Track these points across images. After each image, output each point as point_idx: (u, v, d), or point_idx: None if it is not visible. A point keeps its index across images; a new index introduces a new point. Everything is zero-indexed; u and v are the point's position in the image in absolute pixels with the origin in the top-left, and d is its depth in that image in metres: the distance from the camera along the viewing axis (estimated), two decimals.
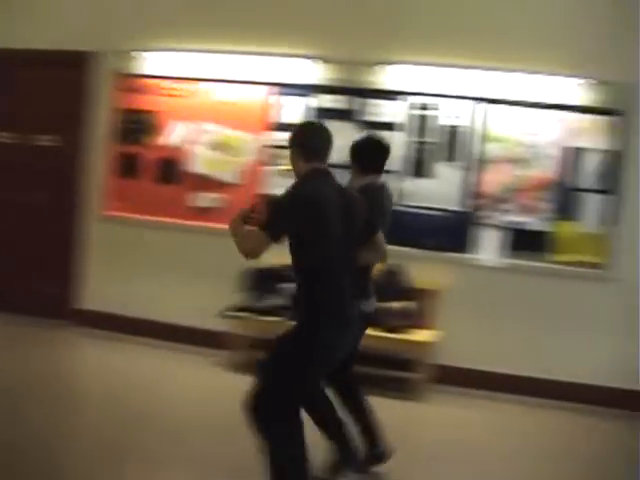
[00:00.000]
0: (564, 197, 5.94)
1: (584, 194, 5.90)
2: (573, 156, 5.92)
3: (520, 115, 5.98)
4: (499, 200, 5.99)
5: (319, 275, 3.27)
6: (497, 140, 6.00)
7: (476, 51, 5.96)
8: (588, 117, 5.90)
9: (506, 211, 5.98)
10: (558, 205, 5.97)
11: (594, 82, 5.84)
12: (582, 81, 5.87)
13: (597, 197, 5.89)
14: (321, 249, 3.26)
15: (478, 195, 6.03)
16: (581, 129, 5.92)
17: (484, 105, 6.02)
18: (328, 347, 3.26)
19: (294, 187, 3.31)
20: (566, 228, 5.95)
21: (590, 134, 5.91)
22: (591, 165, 5.91)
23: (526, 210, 5.98)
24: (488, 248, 6.02)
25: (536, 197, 5.96)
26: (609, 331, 5.88)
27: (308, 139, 3.42)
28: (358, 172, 4.12)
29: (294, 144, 3.43)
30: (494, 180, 6.01)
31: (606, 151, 5.88)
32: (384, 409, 5.33)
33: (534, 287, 5.96)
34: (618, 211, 5.86)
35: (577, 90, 5.91)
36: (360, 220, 3.48)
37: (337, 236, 3.29)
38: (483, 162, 6.02)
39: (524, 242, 5.95)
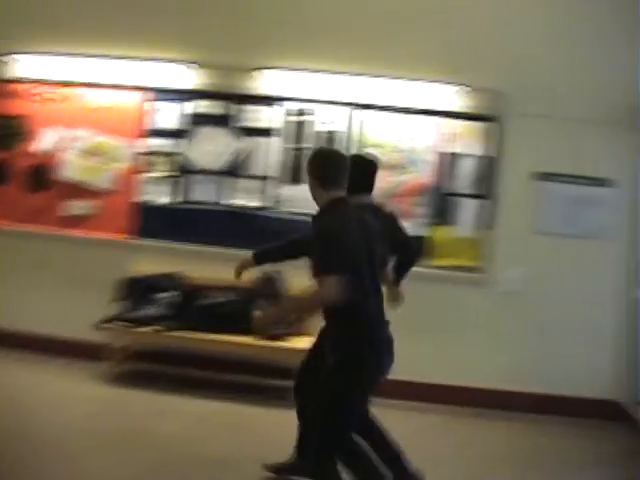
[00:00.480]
0: (440, 202, 6.08)
1: (460, 199, 6.05)
2: (449, 161, 6.07)
3: (396, 121, 6.11)
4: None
5: (358, 300, 3.29)
6: (374, 146, 6.07)
7: (353, 57, 6.07)
8: (463, 123, 6.07)
9: None
10: (434, 210, 6.07)
11: (469, 89, 6.04)
12: (457, 88, 6.05)
13: (472, 202, 6.04)
14: (357, 276, 3.28)
15: None
16: (456, 135, 6.09)
17: (361, 111, 6.13)
18: (378, 367, 3.37)
19: (324, 222, 3.39)
20: (443, 233, 6.03)
21: (465, 140, 6.08)
22: (466, 170, 6.06)
23: (403, 215, 5.99)
24: None
25: (413, 202, 6.07)
26: (486, 333, 5.97)
27: (325, 169, 3.50)
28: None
29: (311, 174, 3.50)
30: None
31: (481, 156, 6.06)
32: (263, 418, 5.36)
33: (412, 291, 5.95)
34: (493, 215, 6.00)
35: (452, 96, 6.10)
36: (377, 246, 3.55)
37: (365, 262, 3.36)
38: None
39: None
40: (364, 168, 4.26)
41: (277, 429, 5.06)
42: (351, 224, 3.40)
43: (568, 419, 5.84)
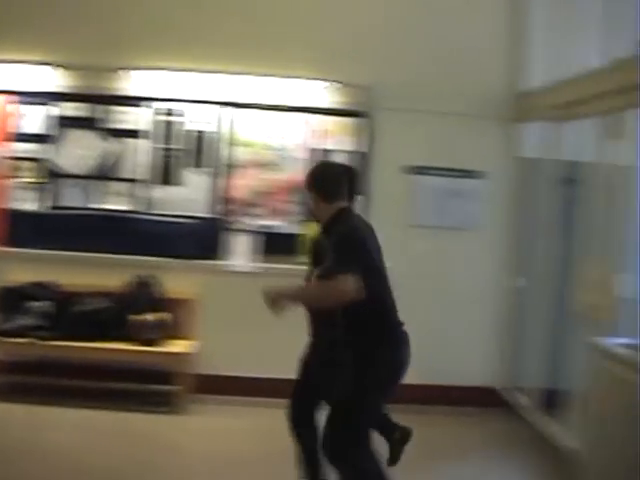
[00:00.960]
0: None
1: None
2: (321, 158, 7.21)
3: (267, 119, 7.22)
4: (248, 205, 7.20)
5: (379, 300, 4.17)
6: (245, 144, 7.23)
7: (222, 56, 7.18)
8: (334, 119, 7.28)
9: (256, 215, 7.20)
10: (307, 207, 7.88)
11: (339, 85, 7.20)
12: (327, 84, 7.16)
13: None
14: (375, 277, 4.10)
15: (227, 201, 7.18)
16: (328, 131, 7.28)
17: (230, 110, 7.21)
18: (404, 363, 4.23)
19: (339, 229, 4.14)
20: (316, 230, 7.87)
21: (336, 136, 7.28)
22: None
23: (276, 213, 7.33)
24: (240, 253, 7.29)
25: (285, 200, 7.24)
26: None
27: (326, 182, 4.32)
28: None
29: (313, 189, 4.30)
30: (243, 185, 7.21)
31: (353, 152, 7.27)
32: (146, 424, 6.27)
33: None
34: (366, 210, 7.14)
35: (322, 93, 7.20)
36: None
37: (378, 264, 4.17)
38: (231, 167, 7.21)
39: (275, 245, 7.20)
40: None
41: (161, 434, 6.07)
42: (364, 229, 4.19)
43: (451, 408, 7.10)
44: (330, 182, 4.35)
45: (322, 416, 4.62)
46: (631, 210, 5.32)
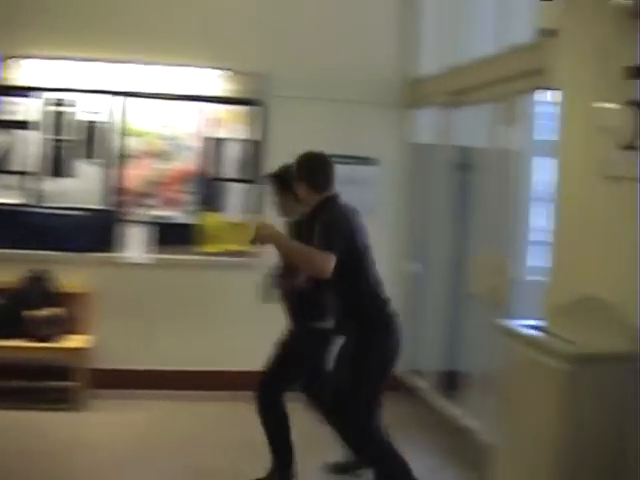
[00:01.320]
0: (208, 188, 7.35)
1: (227, 184, 7.42)
2: (215, 147, 7.36)
3: (160, 108, 7.31)
4: (142, 195, 7.29)
5: (368, 285, 4.52)
6: (137, 134, 7.30)
7: (113, 44, 7.18)
8: (228, 108, 7.42)
9: (150, 206, 7.30)
10: (202, 196, 7.47)
11: (232, 73, 7.33)
12: (220, 72, 7.29)
13: (240, 186, 7.44)
14: (364, 261, 4.48)
15: (121, 192, 7.27)
16: (221, 120, 7.42)
17: (122, 99, 7.28)
18: (398, 346, 4.56)
19: (325, 212, 4.45)
20: (211, 219, 7.70)
21: (230, 124, 7.43)
22: (233, 155, 7.45)
23: (170, 204, 7.54)
24: (135, 245, 7.35)
25: (180, 190, 7.35)
26: (263, 316, 7.86)
27: (316, 173, 4.68)
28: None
29: (302, 180, 4.60)
30: (136, 175, 7.30)
31: (247, 141, 7.46)
32: (45, 421, 6.34)
33: (185, 280, 7.64)
34: (261, 199, 7.53)
35: (216, 81, 7.33)
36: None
37: (367, 249, 4.50)
38: (124, 157, 7.30)
39: (171, 236, 7.30)
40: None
41: (61, 430, 6.15)
42: (350, 214, 4.57)
43: None
44: (319, 172, 4.67)
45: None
46: (522, 194, 5.44)
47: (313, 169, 4.67)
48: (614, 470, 3.21)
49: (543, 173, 5.61)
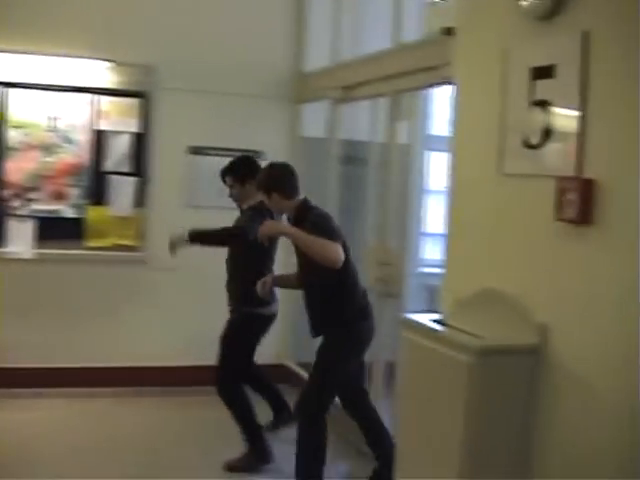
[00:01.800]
0: (94, 181, 7.23)
1: (114, 177, 7.29)
2: (101, 139, 7.25)
3: (45, 99, 7.14)
4: (26, 189, 7.12)
5: (349, 278, 4.79)
6: (21, 126, 7.15)
7: None
8: (114, 99, 7.29)
9: (34, 200, 7.14)
10: (88, 190, 7.47)
11: (118, 64, 7.20)
12: (106, 63, 7.13)
13: (127, 180, 7.30)
14: (348, 253, 4.68)
15: (3, 185, 7.11)
16: (108, 112, 7.30)
17: (4, 90, 7.07)
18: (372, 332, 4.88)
19: (311, 212, 4.79)
20: (98, 213, 7.64)
21: (117, 116, 7.29)
22: (119, 148, 7.31)
23: (56, 197, 7.43)
24: (19, 240, 7.22)
25: (65, 183, 7.21)
26: (151, 311, 7.77)
27: (285, 182, 4.93)
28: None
29: (274, 190, 4.84)
30: (20, 168, 7.13)
31: (133, 133, 7.34)
32: None
33: (72, 276, 7.51)
34: (148, 192, 7.38)
35: (102, 73, 7.18)
36: None
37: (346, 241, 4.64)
38: (6, 150, 7.12)
39: (57, 230, 7.13)
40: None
41: None
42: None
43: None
44: (287, 181, 4.92)
45: None
46: (415, 187, 5.53)
47: (282, 178, 4.92)
48: (521, 458, 3.29)
49: (439, 167, 5.72)
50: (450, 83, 4.70)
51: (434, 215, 5.64)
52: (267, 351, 7.13)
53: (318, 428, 4.70)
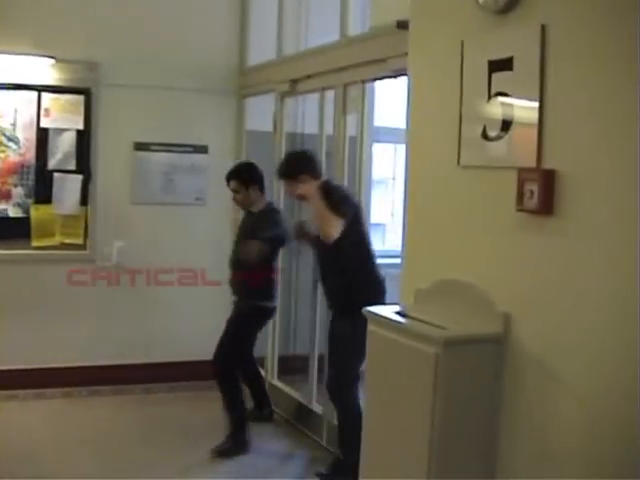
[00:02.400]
0: (39, 180, 7.13)
1: (58, 175, 7.19)
2: (46, 137, 7.14)
3: None
4: None
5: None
6: None
7: None
8: (59, 97, 7.16)
9: None
10: (33, 188, 7.40)
11: (61, 61, 7.09)
12: (50, 60, 7.02)
13: (71, 177, 7.16)
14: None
15: None
16: (52, 109, 7.18)
17: None
18: None
19: (335, 192, 5.09)
20: (43, 211, 7.48)
21: (61, 114, 7.16)
22: (64, 145, 7.23)
23: (0, 197, 7.49)
24: None
25: (10, 182, 7.08)
26: (98, 310, 7.66)
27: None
28: (260, 193, 6.10)
29: (302, 173, 5.19)
30: None
31: (77, 130, 7.24)
32: None
33: (18, 276, 7.49)
34: (92, 190, 7.27)
35: (46, 69, 7.07)
36: None
37: None
38: None
39: (1, 230, 7.05)
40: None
41: None
42: None
43: (192, 383, 7.28)
44: (315, 162, 5.40)
45: None
46: (362, 179, 5.57)
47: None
48: (488, 447, 3.33)
49: (384, 159, 5.75)
50: (399, 75, 4.72)
51: (377, 205, 5.68)
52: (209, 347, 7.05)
53: (355, 406, 5.01)
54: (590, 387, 2.95)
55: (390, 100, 7.23)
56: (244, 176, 5.93)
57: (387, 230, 9.33)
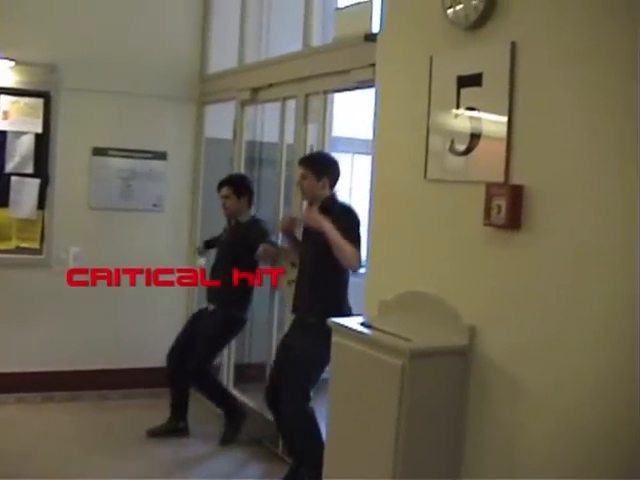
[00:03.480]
0: None
1: (15, 179, 7.11)
2: (4, 140, 7.05)
3: None
4: None
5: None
6: None
7: None
8: (17, 99, 7.08)
9: None
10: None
11: (20, 63, 7.01)
12: (9, 62, 6.96)
13: (29, 181, 7.07)
14: None
15: None
16: (10, 112, 7.08)
17: None
18: None
19: (339, 206, 4.99)
20: (0, 215, 7.50)
21: (20, 117, 7.09)
22: (21, 149, 7.16)
23: None
24: None
25: None
26: (54, 315, 7.59)
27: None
28: (248, 205, 6.27)
29: (326, 174, 5.07)
30: None
31: (35, 134, 7.14)
32: None
33: None
34: (49, 194, 7.18)
35: (5, 71, 6.99)
36: None
37: None
38: None
39: None
40: None
41: None
42: None
43: (152, 390, 7.16)
44: (338, 171, 5.23)
45: None
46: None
47: (332, 165, 5.22)
48: (454, 458, 3.35)
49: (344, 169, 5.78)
50: (363, 87, 4.73)
51: None
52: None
53: (308, 418, 5.03)
54: (557, 399, 2.96)
55: (347, 110, 7.24)
56: (237, 185, 6.05)
57: None
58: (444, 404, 3.35)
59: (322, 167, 5.05)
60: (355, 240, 4.67)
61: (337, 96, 6.24)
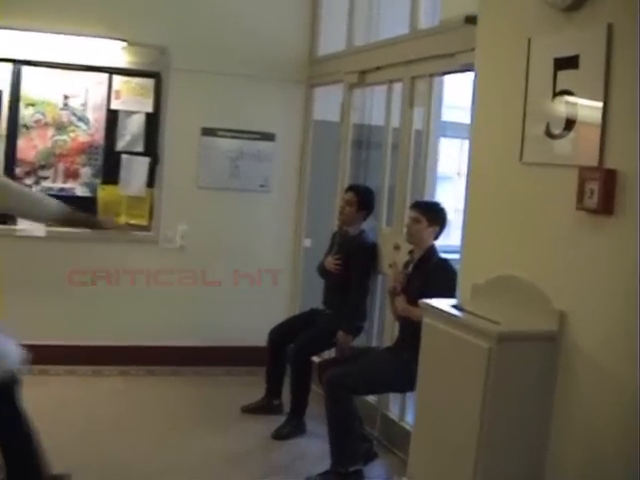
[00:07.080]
0: (107, 161, 7.29)
1: (126, 157, 7.36)
2: (115, 119, 7.31)
3: (60, 78, 7.18)
4: (39, 167, 7.18)
5: None
6: (35, 104, 7.17)
7: (9, 11, 6.93)
8: (128, 79, 7.33)
9: (47, 178, 7.23)
10: (101, 169, 7.36)
11: (132, 44, 7.25)
12: (120, 43, 7.18)
13: (139, 159, 7.34)
14: None
15: (16, 163, 7.18)
16: (121, 91, 7.34)
17: (19, 67, 7.11)
18: None
19: (443, 264, 5.09)
20: (110, 192, 7.62)
21: (131, 96, 7.34)
22: (132, 128, 7.36)
23: (68, 176, 7.52)
24: None
25: (78, 162, 7.30)
26: (156, 290, 7.73)
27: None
28: (362, 219, 6.21)
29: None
30: (33, 146, 7.18)
31: (146, 113, 7.37)
32: None
33: (80, 254, 7.67)
34: (159, 173, 7.43)
35: (116, 52, 7.23)
36: None
37: None
38: (20, 128, 7.17)
39: None
40: None
41: None
42: None
43: (248, 368, 7.37)
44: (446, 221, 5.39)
45: None
46: (428, 173, 5.60)
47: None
48: (538, 444, 3.36)
49: (450, 153, 5.78)
50: (467, 70, 4.74)
51: (442, 201, 5.69)
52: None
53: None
54: None
55: (459, 95, 7.21)
56: (363, 197, 6.00)
57: (452, 226, 9.32)
58: (530, 389, 3.38)
59: (436, 215, 5.09)
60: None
61: (449, 80, 6.23)
